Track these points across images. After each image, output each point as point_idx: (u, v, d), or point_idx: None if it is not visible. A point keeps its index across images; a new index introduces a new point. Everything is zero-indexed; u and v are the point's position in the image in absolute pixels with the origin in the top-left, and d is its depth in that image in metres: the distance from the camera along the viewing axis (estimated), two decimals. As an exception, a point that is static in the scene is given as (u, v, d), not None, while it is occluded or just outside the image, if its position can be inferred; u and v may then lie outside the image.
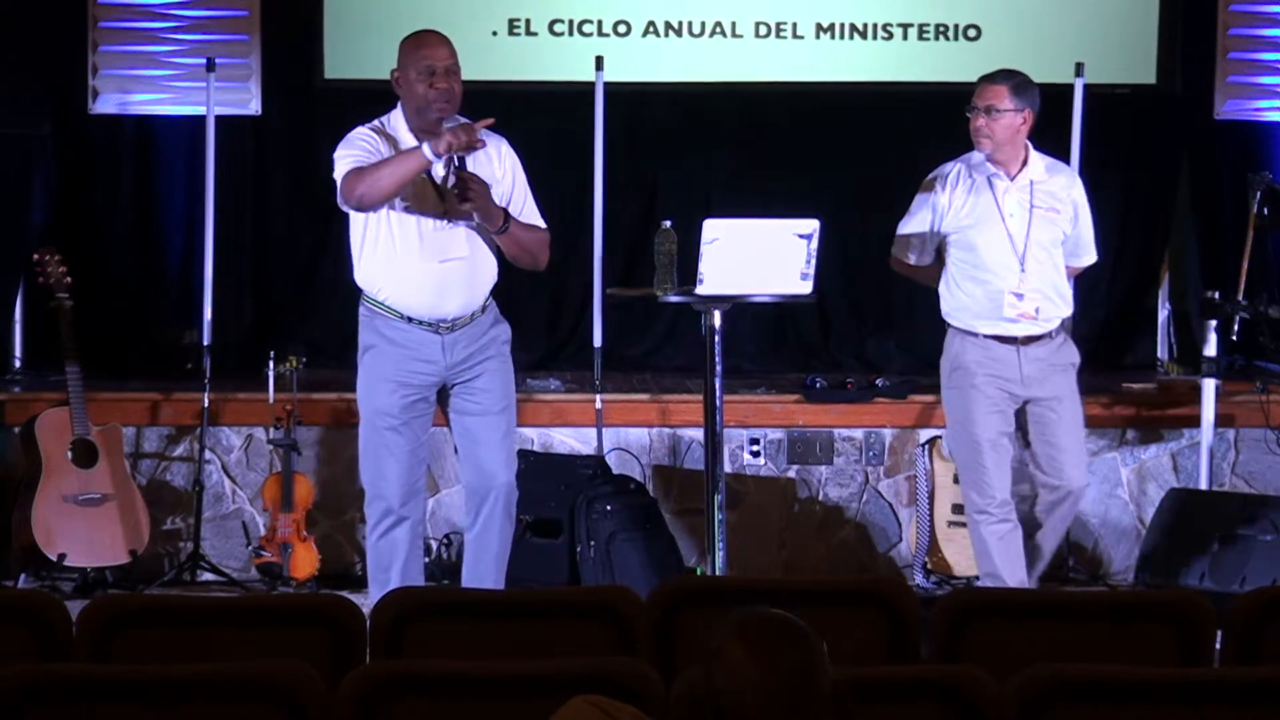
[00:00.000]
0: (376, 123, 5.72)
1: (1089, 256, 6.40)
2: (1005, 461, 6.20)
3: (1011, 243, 6.15)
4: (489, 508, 5.75)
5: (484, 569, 5.74)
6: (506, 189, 5.73)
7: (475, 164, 5.62)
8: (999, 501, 6.18)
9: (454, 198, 5.58)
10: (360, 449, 5.78)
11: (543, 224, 5.82)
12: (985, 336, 6.21)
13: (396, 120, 5.70)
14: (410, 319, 5.65)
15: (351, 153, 5.63)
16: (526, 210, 5.77)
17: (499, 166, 5.72)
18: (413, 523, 5.74)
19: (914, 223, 6.36)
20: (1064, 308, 6.27)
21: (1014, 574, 6.18)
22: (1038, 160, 6.26)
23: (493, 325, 5.79)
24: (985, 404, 6.20)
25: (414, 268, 5.62)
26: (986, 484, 6.19)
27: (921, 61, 8.21)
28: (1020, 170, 6.21)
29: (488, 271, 5.76)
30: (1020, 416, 6.25)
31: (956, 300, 6.28)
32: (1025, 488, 6.31)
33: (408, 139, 5.64)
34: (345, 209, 5.69)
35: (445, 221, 5.63)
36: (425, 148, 5.49)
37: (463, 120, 5.63)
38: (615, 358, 7.88)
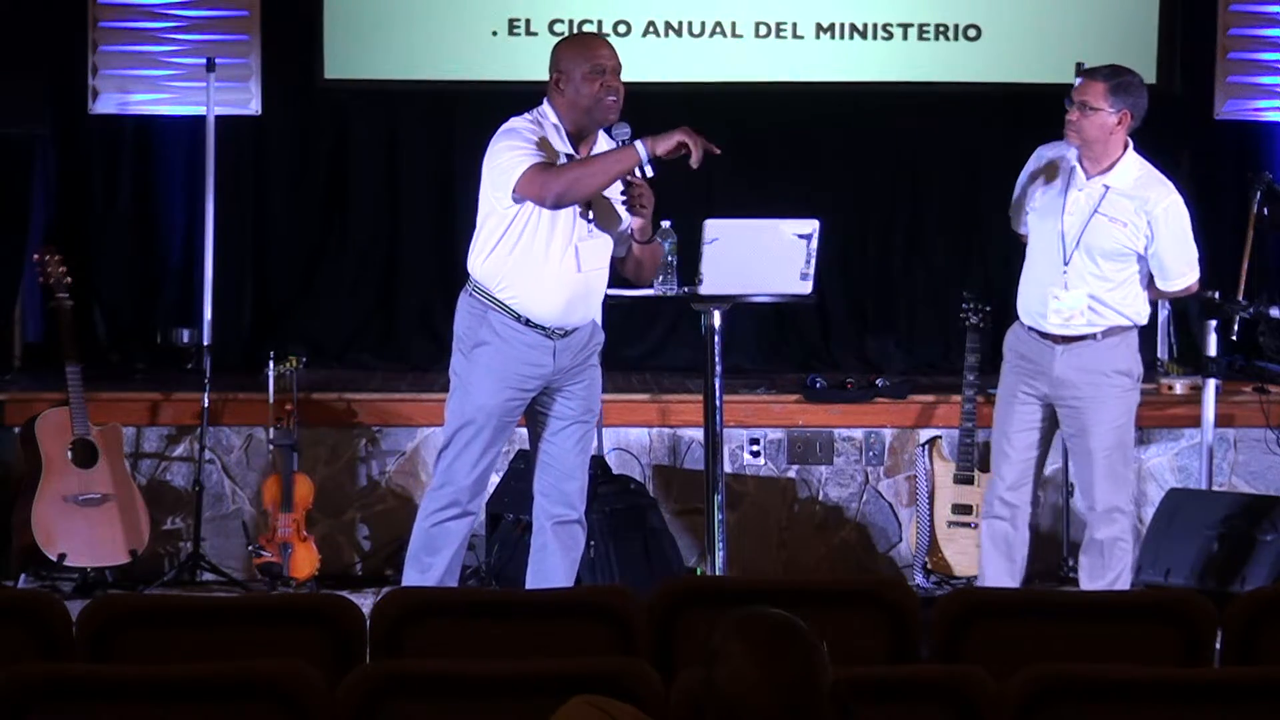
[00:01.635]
0: (530, 116, 5.56)
1: (1175, 282, 5.99)
2: (1018, 457, 6.06)
3: (1062, 240, 5.94)
4: (546, 538, 5.71)
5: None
6: (616, 196, 5.64)
7: None
8: (997, 496, 6.11)
9: (605, 208, 5.52)
10: (444, 435, 5.68)
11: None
12: (1027, 329, 6.08)
13: (549, 116, 5.56)
14: (528, 321, 5.55)
15: (525, 146, 5.43)
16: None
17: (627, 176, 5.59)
18: (473, 519, 5.73)
19: (1016, 188, 6.17)
20: (1115, 317, 5.96)
21: (993, 578, 6.10)
22: (1131, 167, 5.95)
23: (594, 332, 5.73)
24: (1007, 395, 6.11)
25: (555, 275, 5.51)
26: (994, 474, 6.18)
27: (921, 61, 8.21)
28: (1103, 172, 5.93)
29: (605, 283, 5.70)
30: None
31: (1020, 284, 6.14)
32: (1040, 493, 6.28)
33: (559, 141, 5.52)
34: (517, 202, 5.44)
35: (591, 231, 5.55)
36: (640, 147, 5.37)
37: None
38: (615, 358, 7.86)
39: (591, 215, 5.53)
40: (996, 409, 6.23)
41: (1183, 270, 6.02)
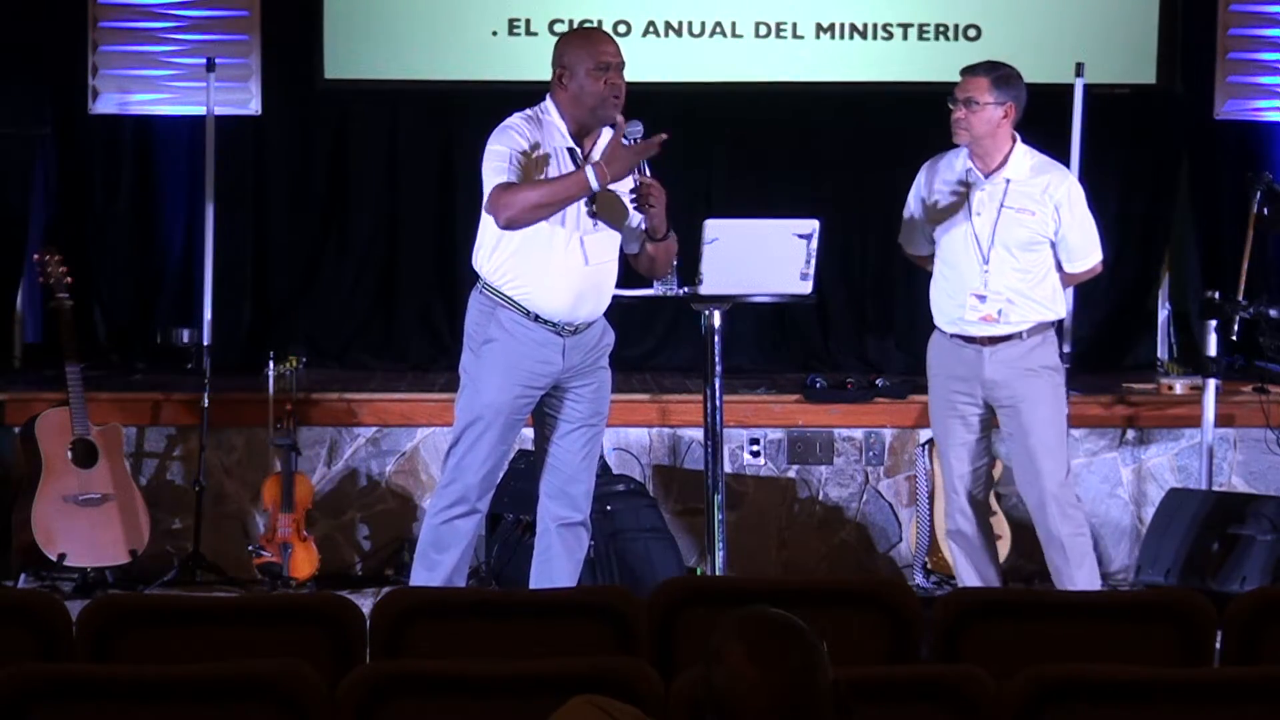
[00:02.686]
0: (530, 112, 5.55)
1: (1082, 262, 6.08)
2: (965, 470, 6.09)
3: (976, 241, 5.99)
4: (551, 539, 5.70)
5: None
6: (623, 190, 5.60)
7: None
8: (956, 506, 6.14)
9: (609, 201, 5.51)
10: (454, 433, 5.68)
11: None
12: (951, 336, 6.09)
13: (551, 113, 5.55)
14: (537, 317, 5.54)
15: (504, 158, 5.43)
16: None
17: (634, 173, 5.57)
18: (481, 517, 5.71)
19: (905, 211, 6.25)
20: (1039, 311, 6.03)
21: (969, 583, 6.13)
22: (1024, 158, 6.04)
23: (604, 332, 5.72)
24: (943, 407, 6.13)
25: (560, 270, 5.50)
26: (948, 489, 6.20)
27: (921, 61, 8.21)
28: (999, 167, 6.01)
29: (615, 278, 5.68)
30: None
31: (932, 295, 6.18)
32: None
33: (560, 137, 5.52)
34: (488, 214, 5.48)
35: (595, 225, 5.53)
36: (591, 177, 5.37)
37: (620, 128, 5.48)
38: (615, 358, 7.84)
39: (595, 209, 5.52)
40: (934, 426, 6.27)
41: (1090, 249, 6.10)
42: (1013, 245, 5.98)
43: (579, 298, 5.55)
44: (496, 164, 5.45)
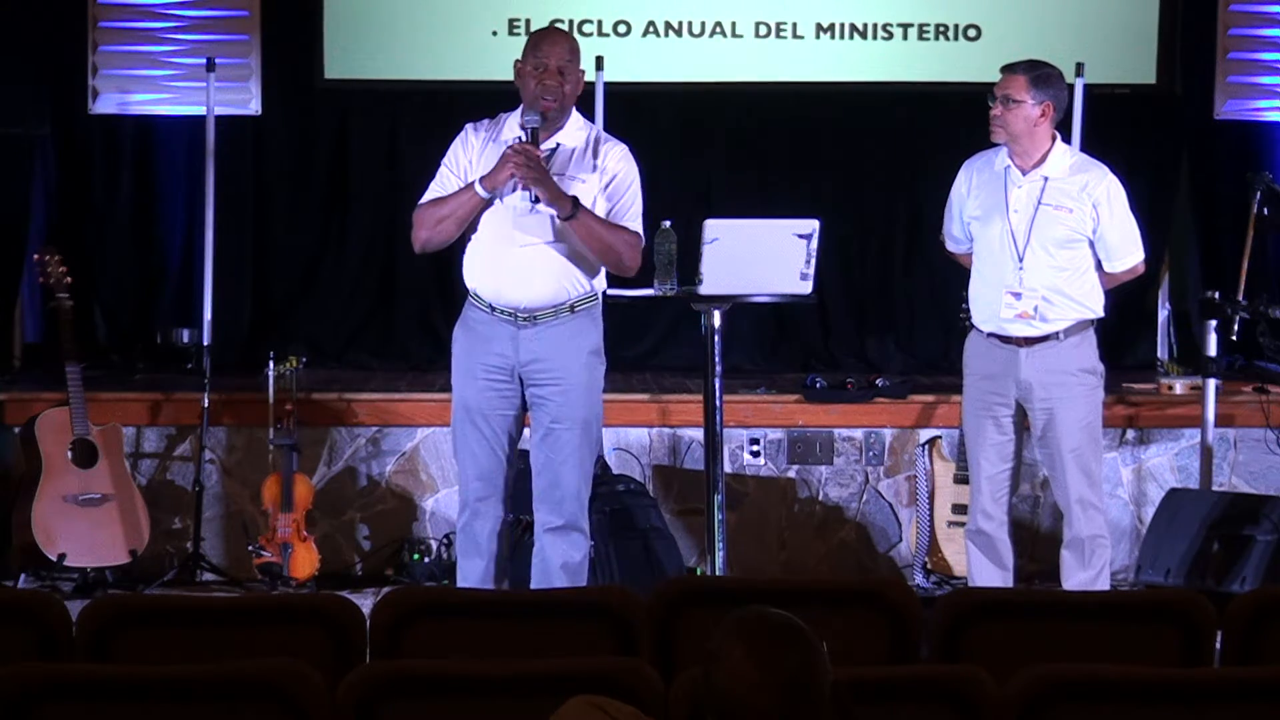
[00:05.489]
0: (504, 112, 5.69)
1: (1121, 261, 6.04)
2: (994, 471, 6.06)
3: (1012, 239, 5.98)
4: (543, 543, 5.70)
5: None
6: (595, 188, 5.59)
7: (573, 159, 5.58)
8: (979, 507, 6.11)
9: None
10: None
11: (634, 229, 5.64)
12: (987, 335, 6.08)
13: (517, 112, 5.66)
14: (493, 308, 5.60)
15: (440, 171, 5.69)
16: (622, 213, 5.62)
17: (600, 164, 5.60)
18: (495, 521, 5.65)
19: (946, 207, 6.25)
20: (1077, 310, 6.00)
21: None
22: (1062, 156, 6.02)
23: (578, 333, 5.66)
24: (976, 406, 6.11)
25: (489, 251, 5.60)
26: (974, 488, 6.17)
27: (921, 61, 8.21)
28: (1037, 165, 5.99)
29: (576, 269, 5.62)
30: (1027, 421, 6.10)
31: (970, 293, 6.16)
32: (1025, 488, 6.26)
33: (516, 128, 5.60)
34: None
35: (531, 209, 5.54)
36: (477, 185, 5.52)
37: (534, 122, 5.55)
38: (615, 358, 7.83)
39: (534, 192, 5.52)
40: (965, 425, 6.25)
41: (1129, 248, 6.08)
42: (1049, 243, 5.97)
43: (512, 280, 5.58)
44: (434, 180, 5.67)
